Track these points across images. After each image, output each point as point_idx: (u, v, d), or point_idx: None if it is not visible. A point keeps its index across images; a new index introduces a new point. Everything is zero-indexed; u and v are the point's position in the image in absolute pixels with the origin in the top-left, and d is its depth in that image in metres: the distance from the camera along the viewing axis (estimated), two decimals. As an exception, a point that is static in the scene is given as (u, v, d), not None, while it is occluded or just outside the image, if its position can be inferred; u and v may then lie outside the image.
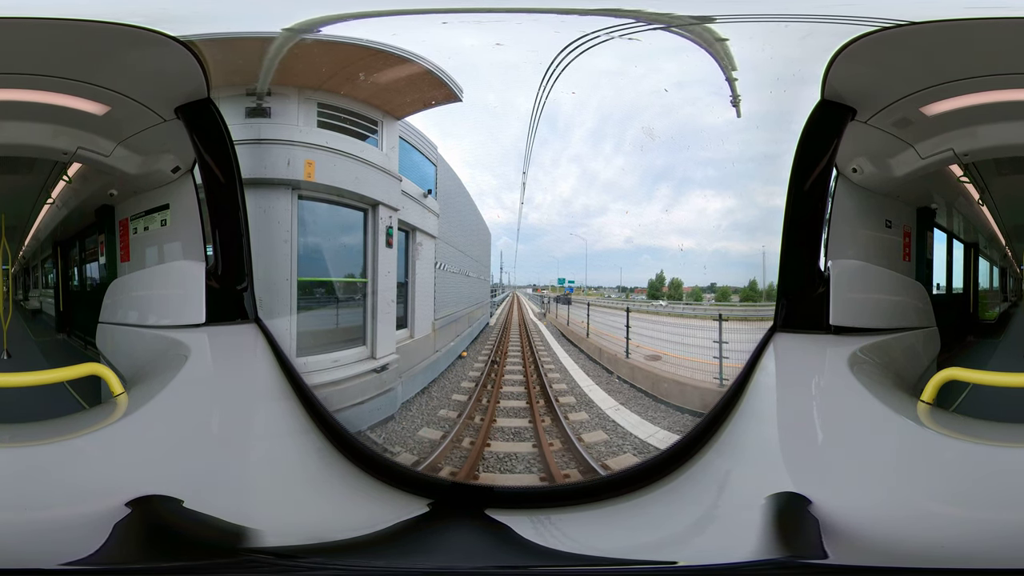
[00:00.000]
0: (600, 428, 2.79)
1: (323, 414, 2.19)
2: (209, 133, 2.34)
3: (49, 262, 3.17)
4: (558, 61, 2.42)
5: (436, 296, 3.27)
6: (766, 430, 2.06)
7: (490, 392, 3.06)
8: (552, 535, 1.91)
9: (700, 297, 3.05)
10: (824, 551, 1.60)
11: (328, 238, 2.89)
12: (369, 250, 2.94)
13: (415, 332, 3.19)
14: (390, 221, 2.97)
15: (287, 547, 1.73)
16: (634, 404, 2.91)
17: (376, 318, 2.90)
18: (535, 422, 2.86)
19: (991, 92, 2.20)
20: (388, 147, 2.85)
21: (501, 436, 2.78)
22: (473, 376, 3.16)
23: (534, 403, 2.98)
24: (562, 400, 3.03)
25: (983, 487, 1.75)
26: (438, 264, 3.26)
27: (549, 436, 2.75)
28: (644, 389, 2.98)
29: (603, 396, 3.04)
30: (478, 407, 2.95)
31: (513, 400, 3.00)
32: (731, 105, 2.47)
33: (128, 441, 1.90)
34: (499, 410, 2.93)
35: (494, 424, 2.84)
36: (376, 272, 2.95)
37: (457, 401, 2.98)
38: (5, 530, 1.64)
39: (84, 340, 2.83)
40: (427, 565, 1.76)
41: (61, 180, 2.69)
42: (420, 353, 3.17)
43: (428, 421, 2.83)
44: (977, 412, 2.16)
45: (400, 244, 3.05)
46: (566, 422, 2.82)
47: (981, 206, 2.81)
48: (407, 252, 3.12)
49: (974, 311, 3.12)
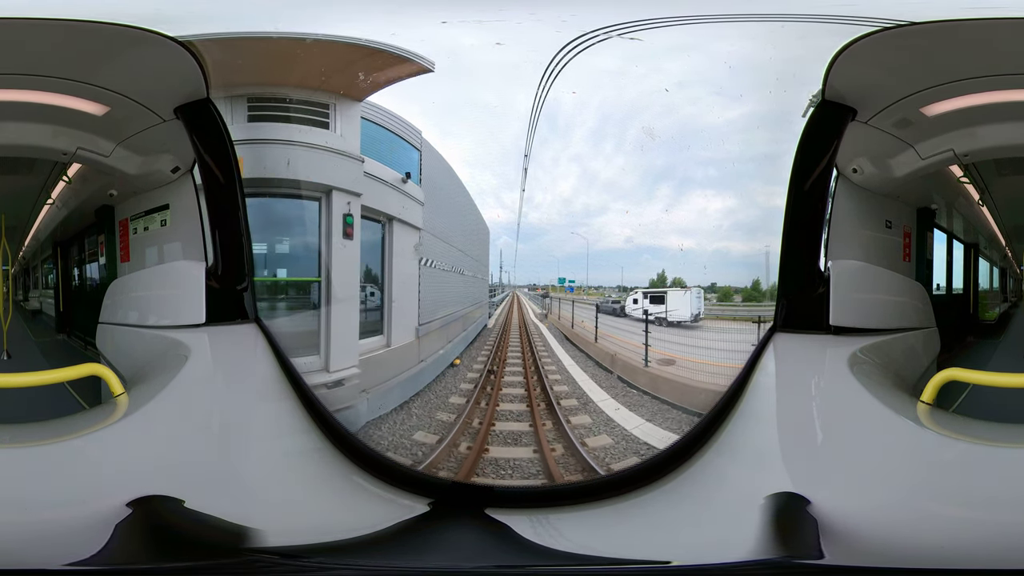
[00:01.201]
0: (635, 455, 2.36)
1: (323, 414, 2.19)
2: (208, 133, 2.34)
3: (49, 262, 3.17)
4: (558, 60, 2.41)
5: (422, 296, 2.83)
6: (765, 430, 2.06)
7: (484, 410, 2.60)
8: (552, 535, 1.92)
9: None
10: (821, 551, 1.60)
11: (267, 234, 2.55)
12: (323, 244, 2.53)
13: (393, 339, 2.74)
14: (348, 208, 2.55)
15: (289, 547, 1.73)
16: (663, 421, 2.54)
17: (329, 324, 2.48)
18: (542, 452, 2.44)
19: (991, 92, 2.20)
20: (345, 129, 2.51)
21: (493, 469, 2.33)
22: (465, 389, 2.73)
23: (539, 425, 2.57)
24: (575, 421, 2.61)
25: (983, 487, 1.76)
26: (424, 260, 2.85)
27: (565, 471, 2.32)
28: (673, 402, 2.57)
29: (626, 414, 2.59)
30: (467, 429, 2.51)
31: (513, 422, 2.57)
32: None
33: (128, 441, 1.90)
34: (494, 435, 2.50)
35: (485, 454, 2.39)
36: (330, 269, 2.50)
37: (441, 421, 2.54)
38: (6, 530, 1.64)
39: (84, 340, 2.83)
40: (428, 564, 1.77)
41: (61, 180, 2.69)
42: (398, 364, 2.71)
43: (397, 445, 2.41)
44: (977, 413, 2.16)
45: (376, 237, 2.65)
46: (583, 449, 2.40)
47: (981, 206, 2.81)
48: (384, 246, 2.72)
49: (974, 311, 3.12)
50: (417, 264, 2.83)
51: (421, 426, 2.54)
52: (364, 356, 2.61)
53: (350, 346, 2.56)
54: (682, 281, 2.91)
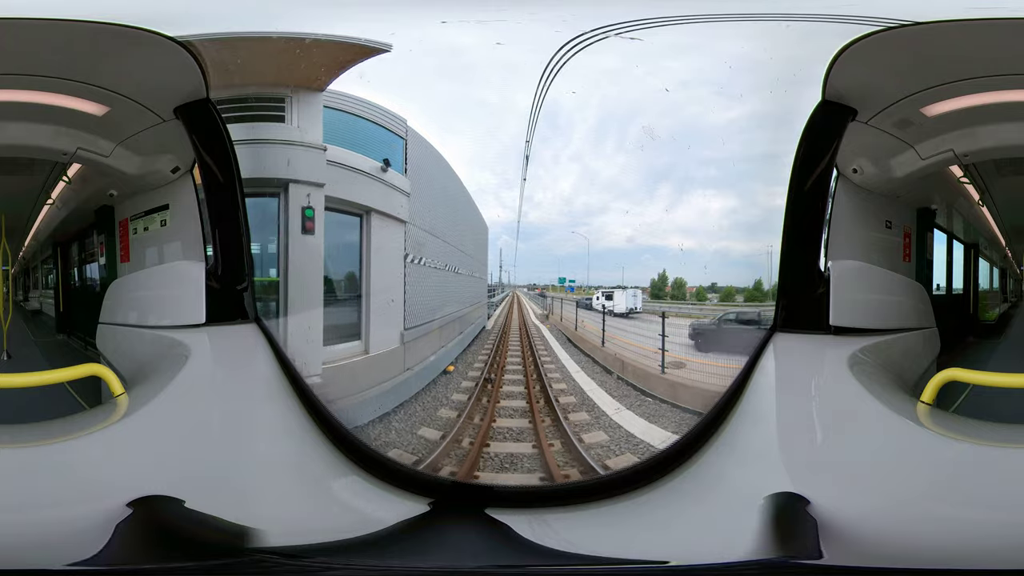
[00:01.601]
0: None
1: (324, 414, 2.19)
2: (208, 133, 2.34)
3: (49, 263, 3.17)
4: (557, 59, 2.40)
5: (409, 297, 2.55)
6: (765, 430, 2.06)
7: (477, 427, 2.27)
8: (552, 534, 1.91)
9: (704, 297, 2.91)
10: (820, 551, 1.60)
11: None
12: (281, 240, 2.36)
13: (372, 345, 2.46)
14: (307, 201, 2.34)
15: (291, 547, 1.73)
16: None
17: (287, 328, 2.26)
18: (548, 466, 2.21)
19: (991, 93, 2.20)
20: (303, 121, 2.35)
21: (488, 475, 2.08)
22: (458, 401, 2.43)
23: (544, 444, 2.30)
24: (588, 439, 2.32)
25: (983, 488, 1.76)
26: (412, 256, 2.60)
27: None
28: (697, 410, 2.32)
29: (643, 425, 2.32)
30: (455, 447, 2.22)
31: (511, 442, 2.28)
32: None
33: (129, 442, 1.90)
34: (486, 456, 2.19)
35: (476, 478, 2.14)
36: (287, 267, 2.31)
37: (424, 439, 2.25)
38: (7, 531, 1.64)
39: (84, 341, 2.83)
40: (428, 564, 1.77)
41: (61, 181, 2.69)
42: (378, 372, 2.42)
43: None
44: (977, 413, 2.16)
45: (355, 232, 2.42)
46: (604, 471, 2.16)
47: (981, 207, 2.81)
48: (362, 240, 2.50)
49: (974, 312, 3.12)
50: (403, 261, 2.56)
51: (400, 443, 2.28)
52: (334, 364, 2.34)
53: (312, 352, 2.31)
54: (683, 281, 2.89)
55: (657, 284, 3.03)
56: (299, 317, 2.36)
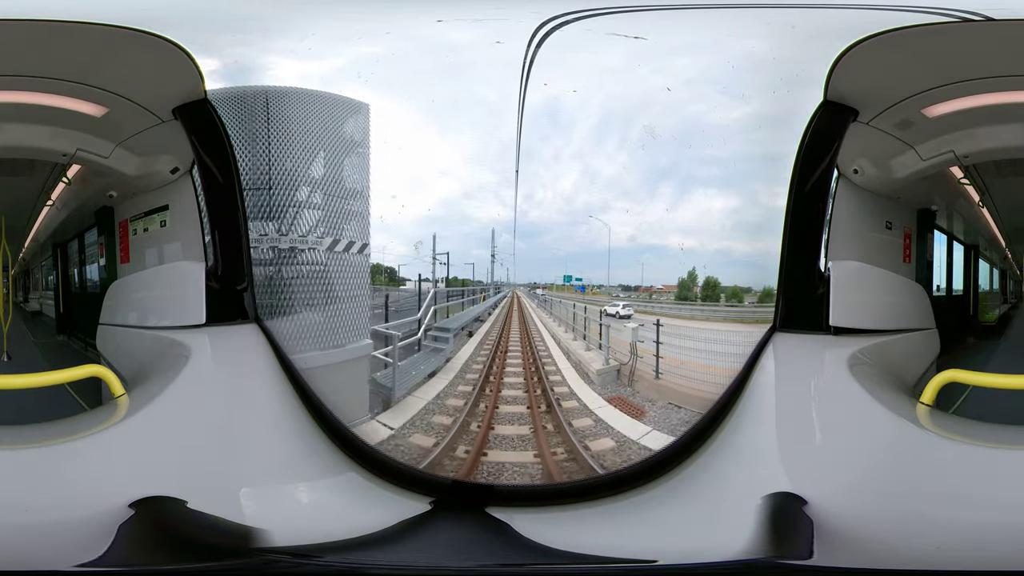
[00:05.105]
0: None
1: (324, 413, 2.20)
2: (207, 133, 2.33)
3: (49, 264, 3.16)
4: (535, 42, 2.33)
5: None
6: (764, 430, 2.06)
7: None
8: (552, 533, 1.92)
9: (741, 298, 2.64)
10: (810, 552, 1.60)
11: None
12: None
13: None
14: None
15: (295, 547, 1.73)
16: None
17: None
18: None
19: (992, 94, 2.20)
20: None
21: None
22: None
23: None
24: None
25: (982, 489, 1.76)
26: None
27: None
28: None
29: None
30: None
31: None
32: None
33: (130, 443, 1.89)
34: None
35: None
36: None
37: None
38: (7, 532, 1.64)
39: (84, 342, 2.83)
40: (429, 563, 1.78)
41: (60, 182, 2.69)
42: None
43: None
44: (977, 414, 2.16)
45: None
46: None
47: (981, 208, 2.81)
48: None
49: (974, 313, 3.12)
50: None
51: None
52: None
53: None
54: (716, 280, 2.74)
55: (686, 284, 2.76)
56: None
